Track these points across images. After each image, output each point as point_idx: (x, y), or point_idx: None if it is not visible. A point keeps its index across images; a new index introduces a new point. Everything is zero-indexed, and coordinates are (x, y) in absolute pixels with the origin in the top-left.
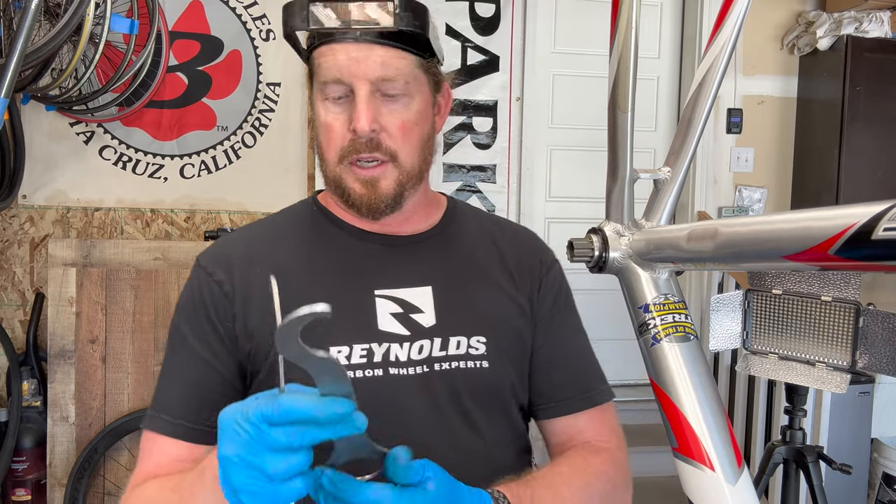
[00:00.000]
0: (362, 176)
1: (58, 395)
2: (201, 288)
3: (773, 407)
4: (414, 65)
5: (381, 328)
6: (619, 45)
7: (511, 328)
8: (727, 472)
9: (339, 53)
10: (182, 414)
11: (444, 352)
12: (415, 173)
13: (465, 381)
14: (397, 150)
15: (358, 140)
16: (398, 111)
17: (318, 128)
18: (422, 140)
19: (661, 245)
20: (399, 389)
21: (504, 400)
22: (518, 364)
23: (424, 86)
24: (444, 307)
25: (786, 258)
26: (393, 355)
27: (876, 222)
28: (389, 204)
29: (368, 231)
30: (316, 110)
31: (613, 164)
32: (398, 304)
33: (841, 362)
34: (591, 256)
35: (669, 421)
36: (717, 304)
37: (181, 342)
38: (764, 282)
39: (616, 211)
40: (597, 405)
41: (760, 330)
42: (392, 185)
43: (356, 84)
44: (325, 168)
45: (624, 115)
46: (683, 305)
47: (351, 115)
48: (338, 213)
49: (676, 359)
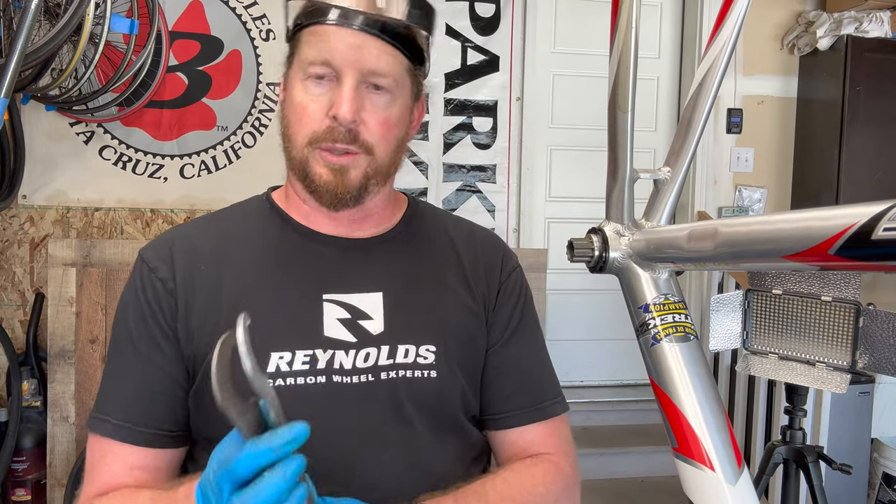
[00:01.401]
0: (332, 162)
1: (58, 395)
2: (144, 284)
3: (773, 407)
4: (404, 67)
5: (326, 334)
6: (619, 45)
7: (464, 336)
8: (727, 472)
9: (332, 36)
10: (132, 417)
11: (392, 360)
12: (383, 171)
13: (410, 390)
14: (374, 144)
15: (336, 128)
16: (381, 107)
17: (288, 106)
18: (398, 140)
19: (661, 245)
20: (341, 398)
21: (452, 411)
22: (470, 373)
23: (407, 91)
24: (395, 314)
25: (786, 258)
26: (337, 363)
27: (876, 222)
28: (354, 195)
29: (321, 233)
30: (291, 88)
31: (613, 164)
32: (346, 310)
33: (841, 362)
34: (591, 256)
35: (669, 421)
36: (717, 304)
37: (127, 341)
38: (764, 282)
39: (616, 211)
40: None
41: (760, 330)
42: (360, 176)
43: (345, 71)
44: (290, 149)
45: (624, 115)
46: (683, 305)
47: (332, 101)
48: (291, 212)
49: (676, 359)
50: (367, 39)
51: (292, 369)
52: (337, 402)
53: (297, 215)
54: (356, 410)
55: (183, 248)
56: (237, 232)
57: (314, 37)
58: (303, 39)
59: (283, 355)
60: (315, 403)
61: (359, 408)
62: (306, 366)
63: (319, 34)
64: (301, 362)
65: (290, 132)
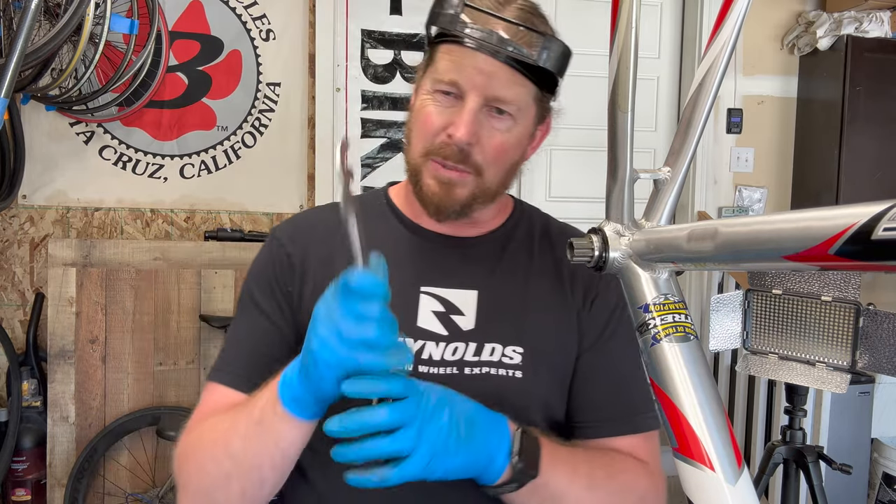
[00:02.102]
0: (441, 175)
1: (58, 395)
2: (272, 255)
3: (773, 407)
4: (531, 95)
5: (419, 324)
6: (619, 45)
7: (554, 341)
8: (727, 472)
9: (466, 58)
10: (244, 371)
11: (478, 357)
12: (491, 192)
13: (491, 388)
14: (485, 167)
15: (450, 146)
16: (500, 132)
17: (414, 112)
18: (511, 164)
19: (661, 245)
20: None
21: (533, 412)
22: (557, 377)
23: (531, 116)
24: (486, 312)
25: (786, 258)
26: (427, 353)
27: (876, 222)
28: (457, 211)
29: (426, 228)
30: (420, 94)
31: (613, 164)
32: (441, 304)
33: (841, 362)
34: (591, 256)
35: (669, 421)
36: (717, 304)
37: (249, 305)
38: (764, 282)
39: (616, 211)
40: (640, 432)
41: (760, 330)
42: (466, 195)
43: (470, 94)
44: (408, 152)
45: (624, 115)
46: (683, 305)
47: (452, 119)
48: (402, 206)
49: (676, 359)
50: (500, 67)
51: None
52: None
53: (407, 211)
54: None
55: (305, 229)
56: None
57: (449, 55)
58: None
59: None
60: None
61: None
62: None
63: (455, 53)
64: None
65: (411, 137)
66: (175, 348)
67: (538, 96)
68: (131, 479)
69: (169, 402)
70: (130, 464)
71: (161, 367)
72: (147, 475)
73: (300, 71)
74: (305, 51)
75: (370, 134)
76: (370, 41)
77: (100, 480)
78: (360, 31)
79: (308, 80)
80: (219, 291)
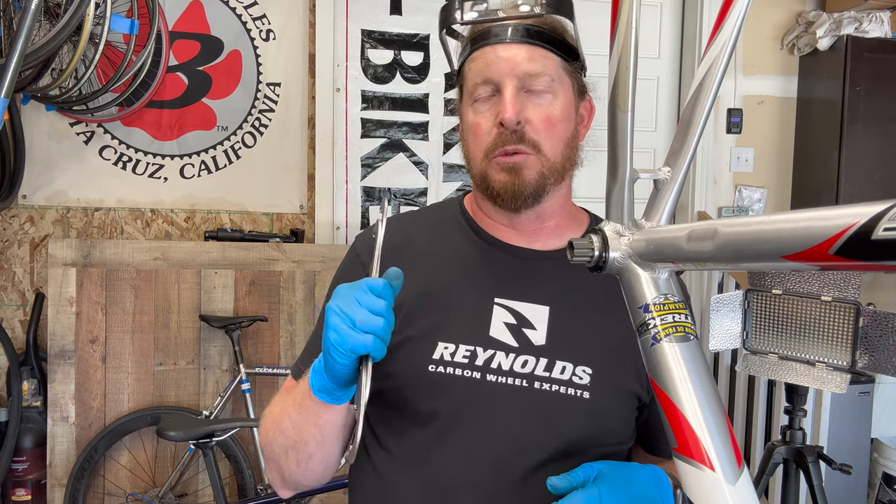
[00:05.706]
0: (505, 163)
1: (58, 395)
2: (352, 266)
3: (773, 407)
4: (558, 65)
5: (491, 334)
6: (619, 45)
7: (623, 365)
8: (727, 472)
9: (487, 55)
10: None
11: (548, 373)
12: (557, 168)
13: (560, 405)
14: (540, 141)
15: (504, 132)
16: (543, 106)
17: (465, 132)
18: (565, 138)
19: (661, 245)
20: (492, 396)
21: (597, 434)
22: (623, 402)
23: (568, 88)
24: (558, 330)
25: (786, 258)
26: (496, 363)
27: (876, 222)
28: (531, 193)
29: (502, 241)
30: (464, 117)
31: (613, 164)
32: (513, 316)
33: (841, 362)
34: (591, 256)
35: (669, 421)
36: (717, 304)
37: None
38: (764, 282)
39: (616, 211)
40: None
41: (760, 330)
42: (534, 174)
43: (503, 81)
44: (471, 166)
45: (624, 115)
46: (684, 305)
47: (497, 111)
48: (477, 217)
49: (676, 359)
50: (517, 48)
51: (453, 360)
52: (487, 399)
53: (482, 222)
54: (504, 410)
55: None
56: (430, 231)
57: (472, 63)
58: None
59: (447, 346)
60: (464, 395)
61: (507, 408)
62: (465, 359)
63: (475, 58)
64: (462, 355)
65: (468, 150)
66: (175, 348)
67: (566, 66)
68: (131, 479)
69: (169, 402)
70: (130, 464)
71: (161, 367)
72: (147, 475)
73: (300, 71)
74: (305, 51)
75: (370, 134)
76: (370, 41)
77: (100, 480)
78: (360, 31)
79: (308, 80)
80: (219, 291)
